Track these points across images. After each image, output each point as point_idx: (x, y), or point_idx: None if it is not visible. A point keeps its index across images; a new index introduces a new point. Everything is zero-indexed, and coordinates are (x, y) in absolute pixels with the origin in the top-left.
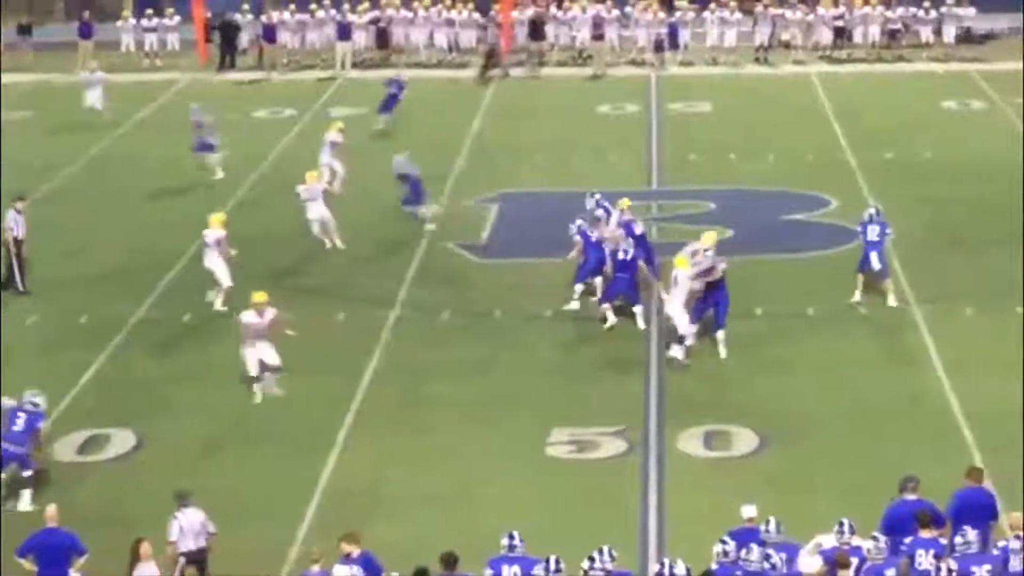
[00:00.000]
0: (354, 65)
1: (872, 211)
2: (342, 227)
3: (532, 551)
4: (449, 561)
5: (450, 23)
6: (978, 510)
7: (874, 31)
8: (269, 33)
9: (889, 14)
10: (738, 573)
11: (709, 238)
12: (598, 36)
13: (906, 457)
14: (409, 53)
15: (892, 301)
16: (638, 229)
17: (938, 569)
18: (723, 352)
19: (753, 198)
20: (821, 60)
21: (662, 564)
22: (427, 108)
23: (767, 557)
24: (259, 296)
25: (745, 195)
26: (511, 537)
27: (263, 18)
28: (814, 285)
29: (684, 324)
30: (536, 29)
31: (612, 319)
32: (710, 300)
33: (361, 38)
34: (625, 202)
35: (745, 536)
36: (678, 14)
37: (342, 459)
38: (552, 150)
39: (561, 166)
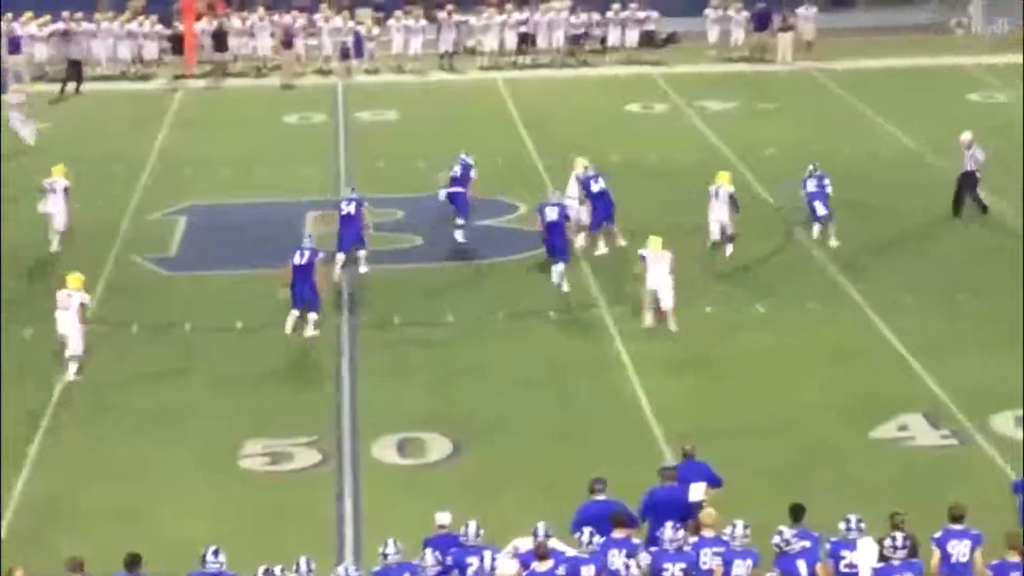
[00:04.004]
0: (37, 79)
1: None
2: (27, 243)
3: (230, 566)
4: (130, 563)
5: (132, 35)
6: (672, 508)
7: (558, 36)
8: None
9: (572, 19)
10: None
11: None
12: (287, 44)
13: (600, 457)
14: (92, 65)
15: (834, 242)
16: (595, 187)
17: (627, 567)
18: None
19: (441, 205)
20: (507, 66)
21: (337, 573)
22: (111, 121)
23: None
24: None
25: (434, 202)
26: (210, 552)
27: None
28: (503, 290)
29: None
30: (219, 40)
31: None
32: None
33: (42, 51)
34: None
35: (442, 542)
36: (364, 23)
37: (33, 474)
38: (239, 161)
39: (248, 177)
